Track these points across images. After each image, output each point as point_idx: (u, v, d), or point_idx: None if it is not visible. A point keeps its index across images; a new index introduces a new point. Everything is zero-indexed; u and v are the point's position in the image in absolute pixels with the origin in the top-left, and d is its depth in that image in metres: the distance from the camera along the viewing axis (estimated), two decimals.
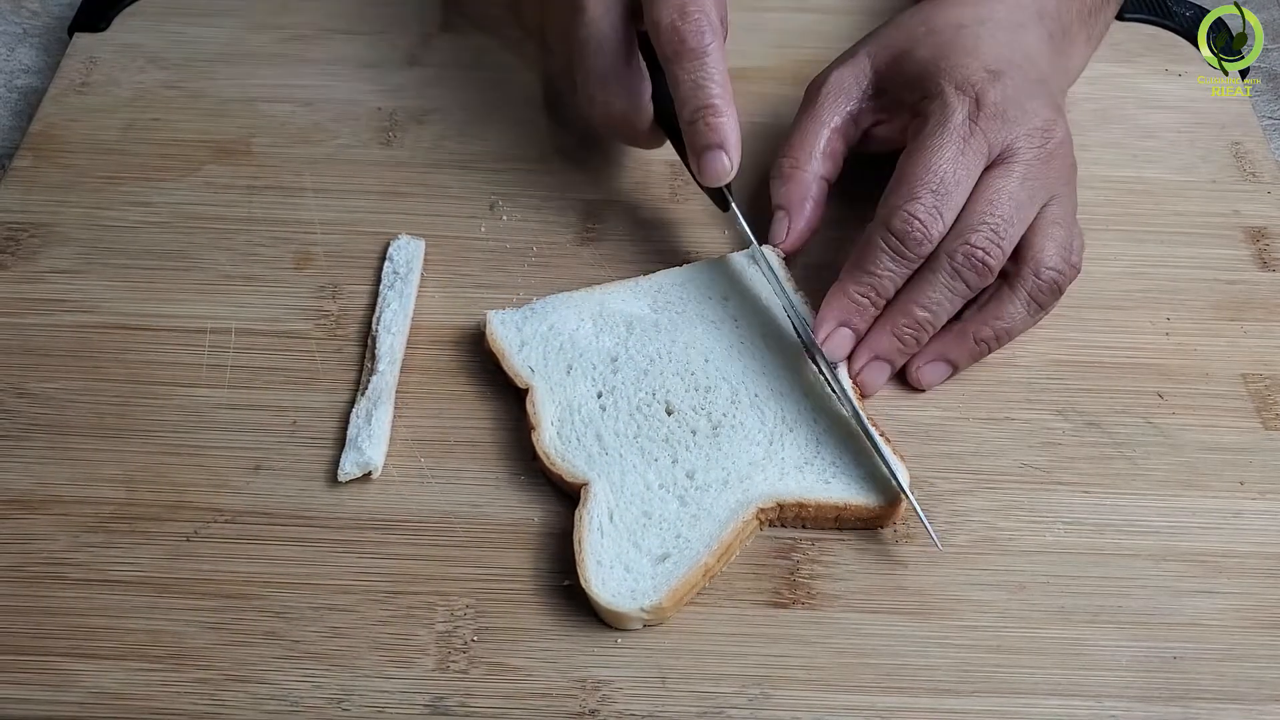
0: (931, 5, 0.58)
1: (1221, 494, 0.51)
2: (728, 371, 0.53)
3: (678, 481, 0.49)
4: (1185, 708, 0.45)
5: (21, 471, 0.50)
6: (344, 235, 0.59)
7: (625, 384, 0.52)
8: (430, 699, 0.45)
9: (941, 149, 0.52)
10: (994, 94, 0.53)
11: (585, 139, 0.64)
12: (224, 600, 0.47)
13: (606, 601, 0.46)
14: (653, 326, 0.54)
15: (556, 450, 0.50)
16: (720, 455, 0.50)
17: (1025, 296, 0.53)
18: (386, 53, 0.68)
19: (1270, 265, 0.60)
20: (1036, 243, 0.53)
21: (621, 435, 0.50)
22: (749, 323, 0.55)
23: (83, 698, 0.45)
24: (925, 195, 0.51)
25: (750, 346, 0.54)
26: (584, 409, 0.51)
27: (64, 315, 0.56)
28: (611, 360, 0.53)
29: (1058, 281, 0.53)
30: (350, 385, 0.53)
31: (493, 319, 0.54)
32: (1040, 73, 0.56)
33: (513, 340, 0.53)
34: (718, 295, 0.56)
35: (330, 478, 0.50)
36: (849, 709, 0.45)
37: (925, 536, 0.49)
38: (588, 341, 0.53)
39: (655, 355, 0.53)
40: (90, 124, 0.64)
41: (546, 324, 0.54)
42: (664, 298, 0.55)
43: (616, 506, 0.48)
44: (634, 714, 0.45)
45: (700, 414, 0.51)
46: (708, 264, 0.57)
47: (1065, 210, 0.54)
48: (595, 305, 0.55)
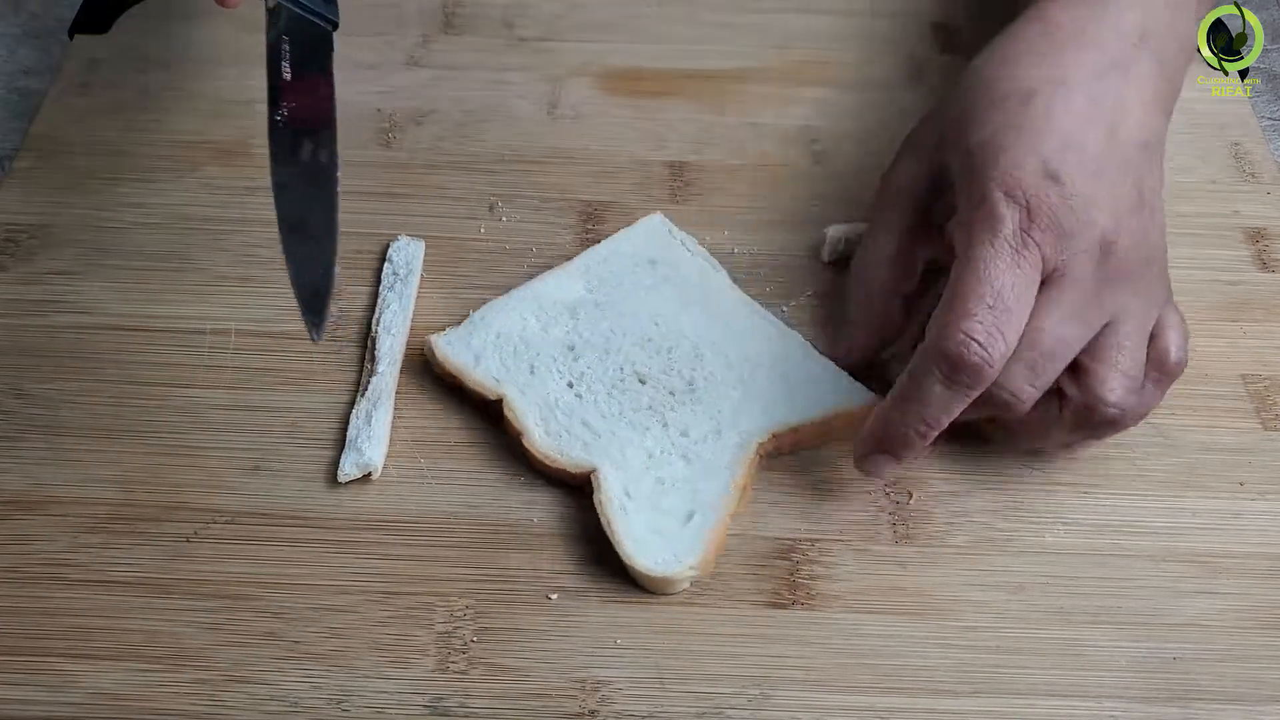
0: (1004, 55, 0.49)
1: (1221, 494, 0.51)
2: (682, 328, 0.54)
3: (675, 442, 0.50)
4: (1185, 708, 0.45)
5: (19, 472, 0.50)
6: (342, 236, 0.59)
7: (591, 367, 0.52)
8: (429, 699, 0.45)
9: (994, 260, 0.44)
10: (1047, 202, 0.45)
11: (584, 138, 0.64)
12: (222, 601, 0.47)
13: (655, 571, 0.46)
14: (595, 307, 0.55)
15: (551, 447, 0.50)
16: (704, 407, 0.51)
17: (1070, 423, 0.47)
18: (385, 54, 0.68)
19: (1270, 266, 0.59)
20: (1097, 372, 0.46)
21: (607, 415, 0.51)
22: (681, 278, 0.56)
23: (81, 698, 0.45)
24: (982, 312, 0.44)
25: (691, 300, 0.55)
26: (562, 401, 0.51)
27: (62, 316, 0.56)
28: (569, 349, 0.53)
29: (1116, 420, 0.47)
30: (349, 386, 0.53)
31: (438, 342, 0.53)
32: (1120, 144, 0.47)
33: (466, 357, 0.53)
34: (643, 261, 0.57)
35: (329, 478, 0.50)
36: (848, 709, 0.45)
37: (925, 537, 0.49)
38: (539, 337, 0.54)
39: (609, 333, 0.54)
40: (90, 125, 0.64)
41: (493, 332, 0.54)
42: (595, 276, 0.56)
43: (629, 481, 0.49)
44: (633, 714, 0.44)
45: (672, 374, 0.52)
46: (624, 234, 0.58)
47: (1137, 325, 0.47)
48: (532, 301, 0.55)
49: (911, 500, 0.50)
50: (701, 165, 0.63)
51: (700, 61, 0.68)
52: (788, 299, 0.57)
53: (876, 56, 0.69)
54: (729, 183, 0.62)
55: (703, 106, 0.66)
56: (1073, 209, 0.45)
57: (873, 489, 0.51)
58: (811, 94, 0.67)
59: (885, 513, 0.50)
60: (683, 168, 0.63)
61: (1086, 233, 0.45)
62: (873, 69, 0.68)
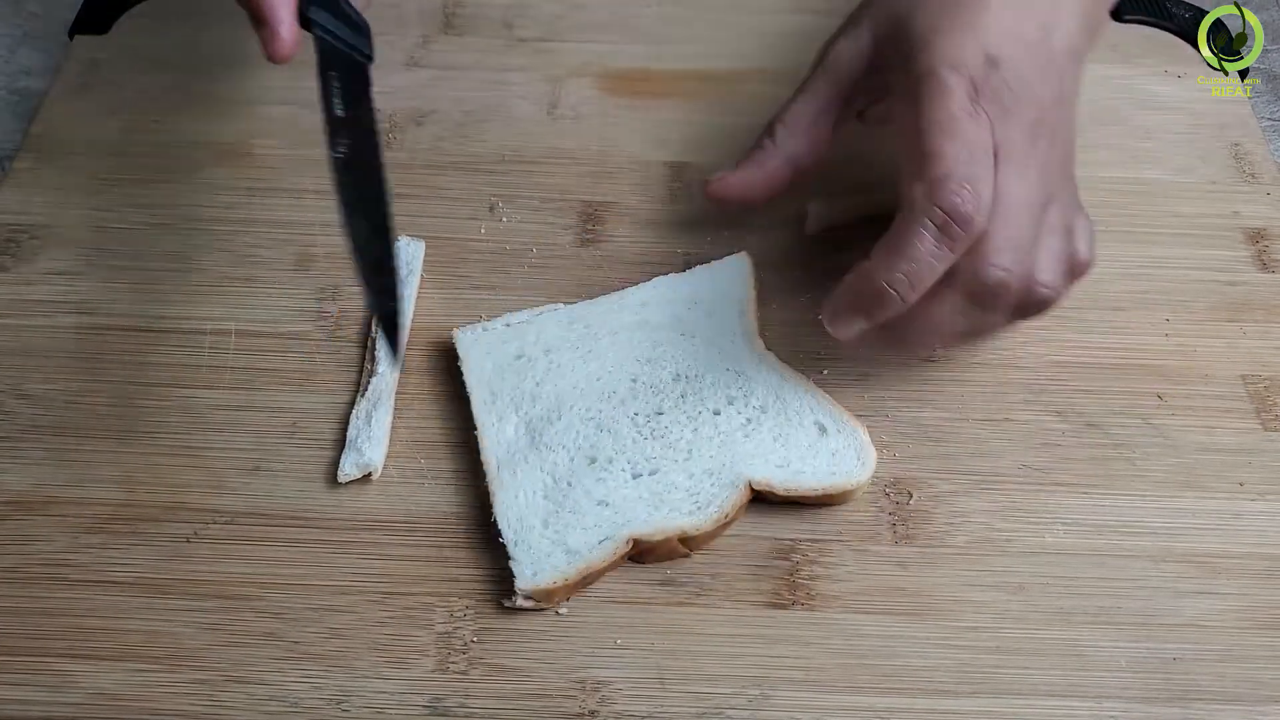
0: None
1: (1221, 495, 0.51)
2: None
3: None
4: (1184, 709, 0.45)
5: (20, 473, 0.51)
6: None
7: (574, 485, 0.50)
8: (429, 699, 0.45)
9: (958, 119, 0.46)
10: (991, 81, 0.47)
11: (584, 139, 0.64)
12: (222, 601, 0.47)
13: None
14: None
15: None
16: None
17: (1009, 308, 0.48)
18: (385, 54, 0.68)
19: (1269, 266, 0.59)
20: (1034, 252, 0.47)
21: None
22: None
23: (81, 698, 0.45)
24: (962, 166, 0.45)
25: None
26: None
27: (63, 317, 0.56)
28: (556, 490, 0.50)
29: (1048, 300, 0.48)
30: (350, 387, 0.53)
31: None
32: (1051, 42, 0.49)
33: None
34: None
35: (329, 479, 0.50)
36: (848, 710, 0.45)
37: (925, 537, 0.49)
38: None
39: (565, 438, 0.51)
40: (91, 126, 0.64)
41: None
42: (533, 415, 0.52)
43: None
44: (633, 714, 0.45)
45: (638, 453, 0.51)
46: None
47: (1064, 213, 0.49)
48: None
49: (911, 500, 0.50)
50: (701, 165, 0.63)
51: (700, 61, 0.69)
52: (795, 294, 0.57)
53: None
54: None
55: (703, 106, 0.66)
56: (1011, 89, 0.47)
57: (873, 489, 0.51)
58: None
59: (885, 513, 0.50)
60: (683, 168, 0.63)
61: (1024, 112, 0.47)
62: None
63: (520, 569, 0.47)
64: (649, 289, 0.56)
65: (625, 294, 0.56)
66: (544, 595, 0.46)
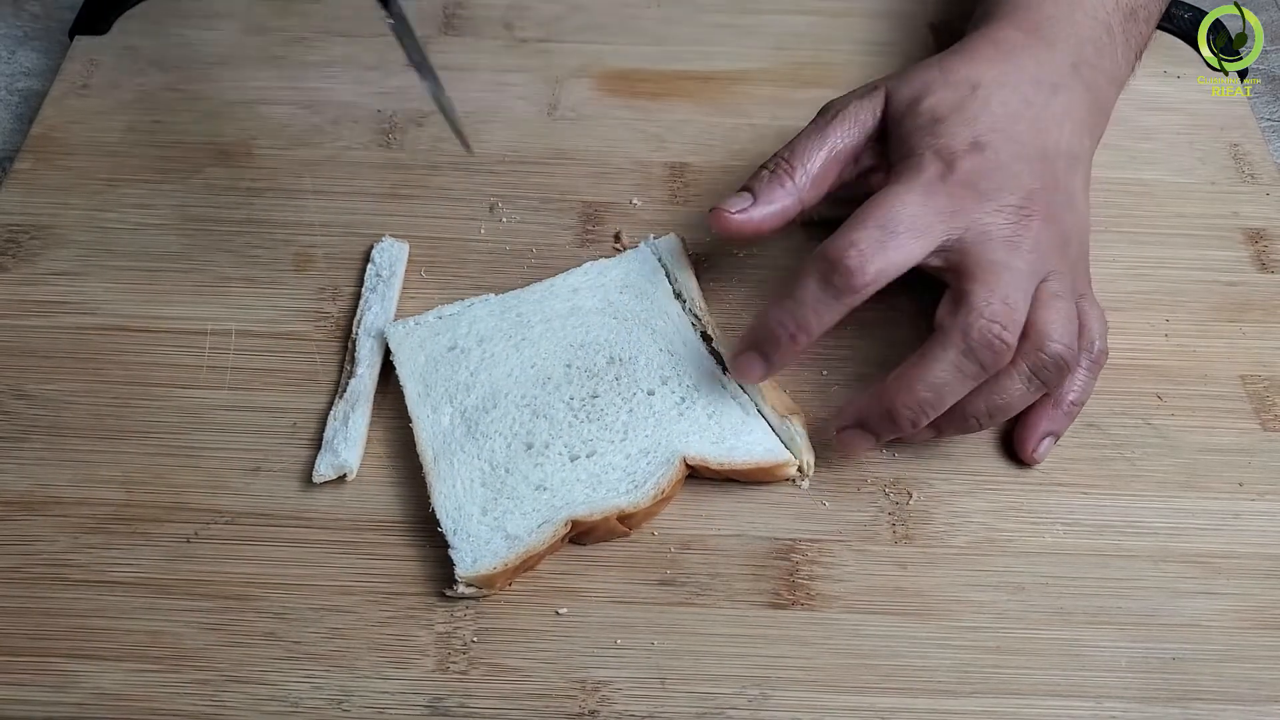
0: (960, 54, 0.55)
1: (1220, 495, 0.51)
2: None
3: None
4: (1184, 709, 0.45)
5: (21, 473, 0.51)
6: (344, 237, 0.59)
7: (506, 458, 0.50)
8: (430, 699, 0.45)
9: (902, 195, 0.49)
10: (968, 163, 0.49)
11: (584, 139, 0.64)
12: (223, 601, 0.47)
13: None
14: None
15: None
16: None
17: (1026, 373, 0.48)
18: (386, 55, 0.68)
19: (1269, 267, 0.60)
20: (1039, 318, 0.48)
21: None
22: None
23: (82, 699, 0.45)
24: (870, 229, 0.47)
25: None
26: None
27: (64, 317, 0.56)
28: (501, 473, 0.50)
29: (1064, 357, 0.48)
30: None
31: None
32: (1045, 144, 0.52)
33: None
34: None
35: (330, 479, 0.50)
36: (848, 710, 0.45)
37: (925, 537, 0.49)
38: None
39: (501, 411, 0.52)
40: (91, 126, 0.64)
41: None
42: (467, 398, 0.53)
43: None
44: (633, 715, 0.45)
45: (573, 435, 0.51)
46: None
47: (1068, 285, 0.49)
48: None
49: (911, 500, 0.51)
50: (701, 166, 0.63)
51: (700, 62, 0.69)
52: None
53: (874, 57, 0.69)
54: (729, 183, 0.62)
55: (703, 107, 0.66)
56: (991, 174, 0.50)
57: (873, 489, 0.51)
58: (810, 95, 0.66)
59: (885, 513, 0.50)
60: (683, 168, 0.63)
61: (1004, 196, 0.49)
62: (871, 70, 0.68)
63: (460, 557, 0.47)
64: (579, 274, 0.56)
65: (556, 280, 0.56)
66: (485, 581, 0.47)
